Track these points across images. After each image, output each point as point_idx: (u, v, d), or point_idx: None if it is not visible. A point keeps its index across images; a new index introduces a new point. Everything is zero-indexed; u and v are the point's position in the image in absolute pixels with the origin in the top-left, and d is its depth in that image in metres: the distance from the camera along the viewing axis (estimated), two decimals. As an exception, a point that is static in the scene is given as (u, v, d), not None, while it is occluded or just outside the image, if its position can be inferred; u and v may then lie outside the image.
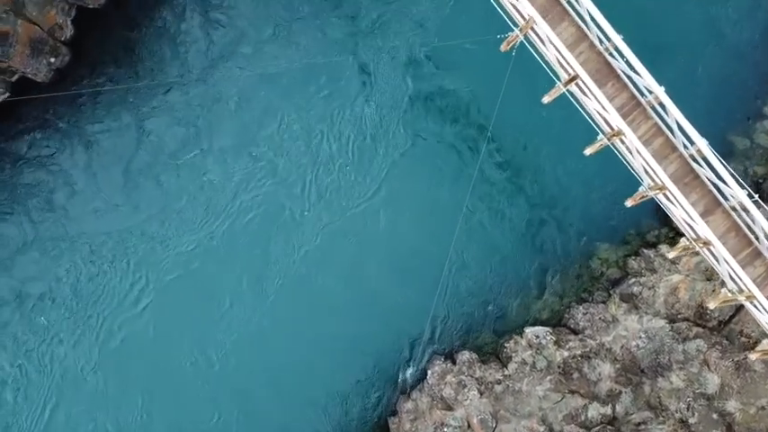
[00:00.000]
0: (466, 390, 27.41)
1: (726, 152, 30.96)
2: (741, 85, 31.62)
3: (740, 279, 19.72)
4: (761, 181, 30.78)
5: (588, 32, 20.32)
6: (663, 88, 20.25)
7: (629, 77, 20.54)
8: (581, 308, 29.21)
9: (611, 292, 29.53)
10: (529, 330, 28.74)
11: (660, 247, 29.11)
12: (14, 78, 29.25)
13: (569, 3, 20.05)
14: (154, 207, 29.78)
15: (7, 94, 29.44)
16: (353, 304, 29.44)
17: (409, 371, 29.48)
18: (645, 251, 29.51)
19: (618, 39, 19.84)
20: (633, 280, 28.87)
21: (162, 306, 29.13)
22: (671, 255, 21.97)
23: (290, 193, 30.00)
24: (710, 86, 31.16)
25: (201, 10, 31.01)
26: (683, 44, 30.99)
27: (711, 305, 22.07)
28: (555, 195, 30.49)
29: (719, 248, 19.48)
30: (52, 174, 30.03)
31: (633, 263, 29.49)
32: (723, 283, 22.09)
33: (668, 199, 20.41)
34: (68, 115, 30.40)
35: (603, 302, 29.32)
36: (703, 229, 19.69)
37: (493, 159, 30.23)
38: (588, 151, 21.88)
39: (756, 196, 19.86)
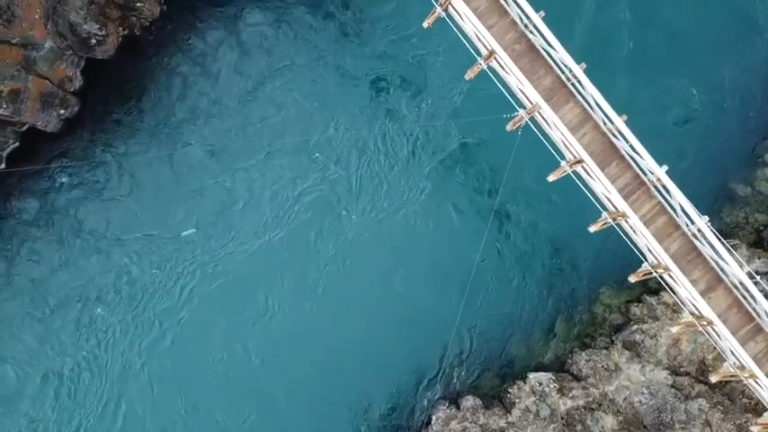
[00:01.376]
0: (470, 438, 27.82)
1: (727, 199, 31.62)
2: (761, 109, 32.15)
3: (742, 358, 20.03)
4: (761, 228, 30.98)
5: (593, 114, 20.55)
6: (665, 168, 20.54)
7: (632, 157, 20.78)
8: (584, 354, 29.40)
9: (613, 338, 29.73)
10: (532, 376, 29.00)
11: (662, 294, 29.29)
12: (24, 129, 29.58)
13: (574, 86, 20.28)
14: (197, 217, 30.19)
15: (17, 144, 29.90)
16: (383, 311, 29.77)
17: (418, 408, 29.80)
18: (647, 298, 29.70)
19: (620, 121, 20.13)
20: (635, 327, 29.05)
21: (204, 308, 29.54)
22: (674, 330, 22.30)
23: (337, 200, 30.47)
24: (733, 101, 31.62)
25: (231, 42, 31.38)
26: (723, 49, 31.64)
27: (714, 379, 22.39)
28: (575, 228, 30.31)
29: (721, 328, 19.79)
30: (86, 198, 30.24)
31: (635, 309, 29.69)
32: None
33: (672, 278, 20.68)
34: (101, 142, 30.81)
35: (606, 349, 29.50)
36: (704, 309, 20.00)
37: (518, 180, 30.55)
38: (593, 229, 22.14)
39: (758, 278, 20.17)
